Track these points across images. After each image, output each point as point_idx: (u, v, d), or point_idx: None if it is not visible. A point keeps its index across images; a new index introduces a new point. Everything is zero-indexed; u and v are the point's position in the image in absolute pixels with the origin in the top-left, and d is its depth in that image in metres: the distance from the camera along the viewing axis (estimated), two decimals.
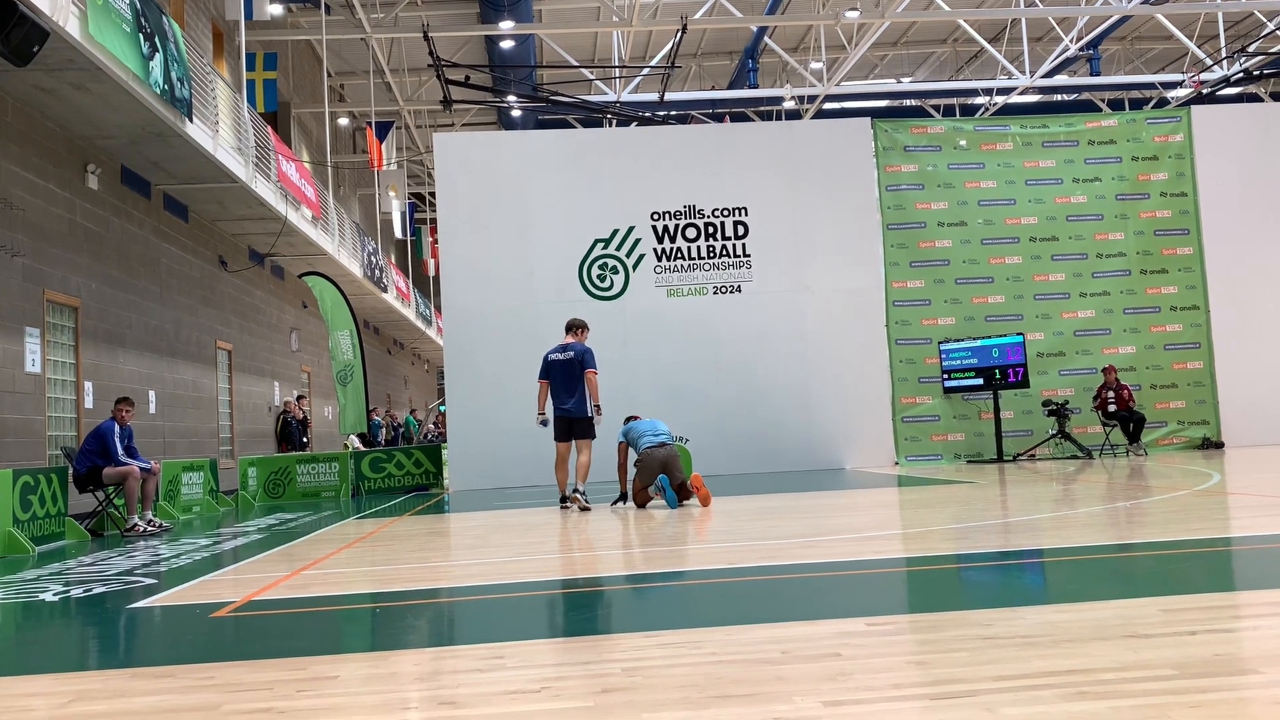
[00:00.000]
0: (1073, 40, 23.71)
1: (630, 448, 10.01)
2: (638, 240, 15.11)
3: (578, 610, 4.64)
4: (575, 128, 25.39)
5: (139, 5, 11.42)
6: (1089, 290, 15.66)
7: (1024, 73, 24.72)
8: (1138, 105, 28.34)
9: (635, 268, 15.07)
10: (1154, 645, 3.21)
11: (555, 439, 10.03)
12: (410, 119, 29.26)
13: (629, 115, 22.81)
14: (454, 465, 14.66)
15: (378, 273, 26.95)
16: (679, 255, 15.14)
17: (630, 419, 10.46)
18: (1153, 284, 15.74)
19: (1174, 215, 15.84)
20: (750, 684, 2.99)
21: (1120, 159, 15.88)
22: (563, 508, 9.82)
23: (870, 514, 8.19)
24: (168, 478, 11.66)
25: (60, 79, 11.22)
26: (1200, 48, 24.76)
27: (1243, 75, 24.26)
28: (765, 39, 24.95)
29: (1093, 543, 5.87)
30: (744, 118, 27.33)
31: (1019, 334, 14.84)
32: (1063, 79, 26.77)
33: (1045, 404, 14.98)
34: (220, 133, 14.89)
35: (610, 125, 24.62)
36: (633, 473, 9.90)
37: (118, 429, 10.05)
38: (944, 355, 15.22)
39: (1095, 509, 7.60)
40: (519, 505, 10.88)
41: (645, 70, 23.70)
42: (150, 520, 9.93)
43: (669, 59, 20.80)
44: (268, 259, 21.24)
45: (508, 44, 22.81)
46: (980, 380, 14.86)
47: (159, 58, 12.04)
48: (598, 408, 9.88)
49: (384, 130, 25.96)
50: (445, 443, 15.45)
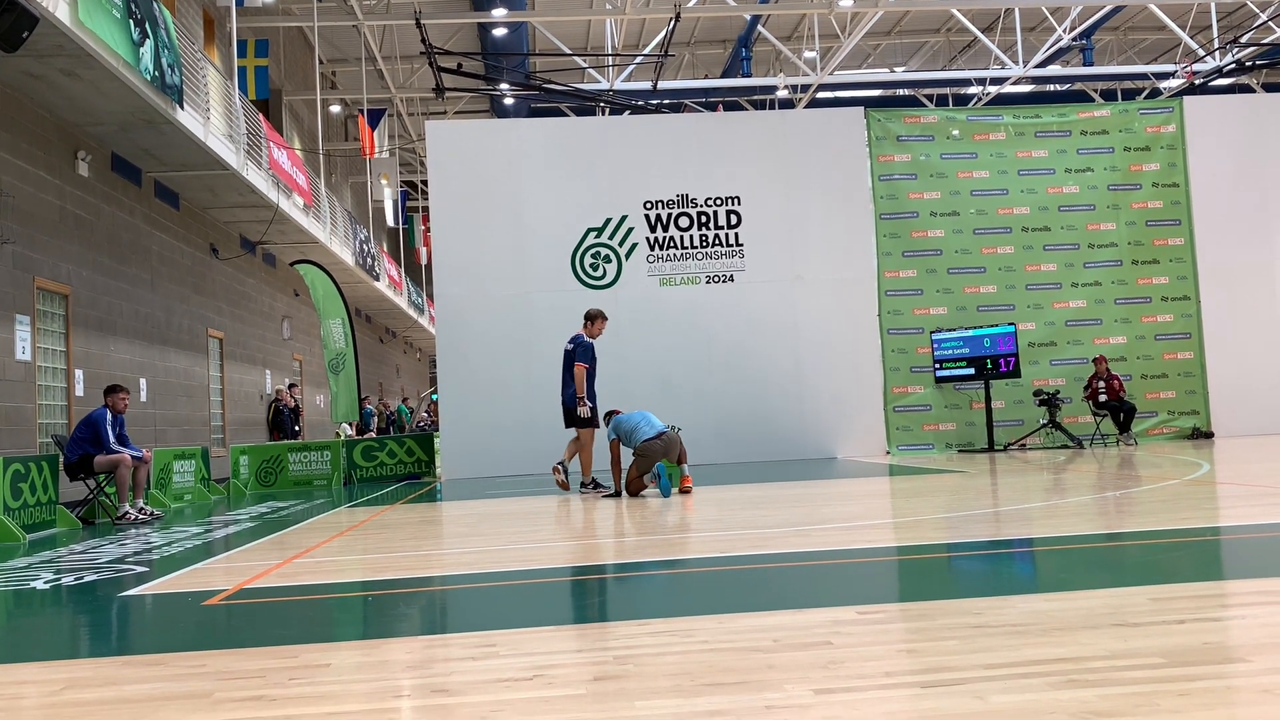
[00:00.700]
0: (1066, 30, 23.72)
1: (622, 442, 9.78)
2: (630, 229, 15.09)
3: (569, 599, 4.65)
4: (568, 116, 25.34)
5: None
6: (1080, 280, 15.69)
7: (1017, 63, 24.72)
8: (1130, 95, 28.37)
9: (628, 257, 15.06)
10: (1143, 634, 3.23)
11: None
12: (402, 107, 29.17)
13: (622, 104, 22.72)
14: (446, 454, 14.65)
15: (370, 261, 26.88)
16: (671, 244, 15.13)
17: (612, 414, 10.29)
18: (1144, 274, 15.77)
19: (1165, 206, 15.87)
20: (742, 672, 3.00)
21: (1112, 149, 15.89)
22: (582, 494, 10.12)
23: (861, 503, 8.21)
24: (159, 466, 11.64)
25: (50, 65, 11.16)
26: (1193, 38, 24.77)
27: (1235, 66, 24.28)
28: (759, 28, 24.90)
29: (1082, 532, 5.90)
30: (737, 107, 27.29)
31: (1010, 324, 14.88)
32: (1055, 69, 26.77)
33: (1036, 394, 15.02)
34: (211, 120, 14.83)
35: (603, 114, 24.53)
36: (627, 462, 9.86)
37: (110, 416, 10.03)
38: (936, 345, 15.25)
39: (1085, 498, 7.63)
40: (511, 494, 10.89)
41: (638, 58, 23.65)
42: (141, 508, 9.92)
43: (662, 47, 20.76)
44: (259, 247, 21.18)
45: (500, 31, 22.74)
46: (972, 370, 14.89)
47: (149, 44, 11.98)
48: (581, 400, 10.06)
49: (376, 118, 25.88)
50: (437, 431, 15.44)
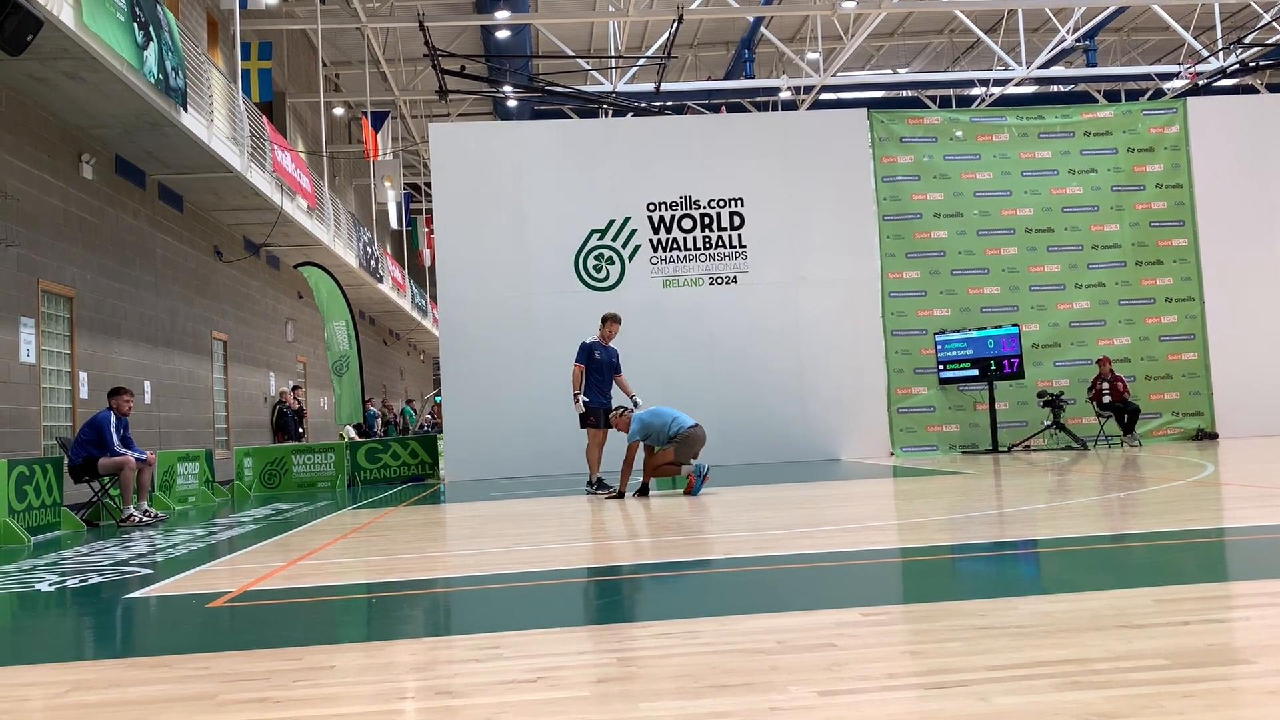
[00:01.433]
0: (1069, 31, 23.71)
1: (653, 440, 9.69)
2: (633, 231, 15.10)
3: (573, 601, 4.65)
4: (571, 118, 25.35)
5: None
6: (1084, 281, 15.67)
7: (1020, 64, 24.71)
8: (1134, 96, 28.35)
9: (631, 259, 15.06)
10: (1147, 635, 3.22)
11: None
12: (406, 109, 29.20)
13: (625, 106, 22.76)
14: (450, 456, 14.66)
15: (373, 263, 26.91)
16: (675, 246, 15.13)
17: (618, 410, 10.14)
18: (1148, 275, 15.75)
19: (1169, 206, 15.85)
20: (745, 674, 3.00)
21: (1116, 150, 15.87)
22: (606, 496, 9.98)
23: (865, 505, 8.20)
24: (163, 468, 11.66)
25: (54, 68, 11.18)
26: (1197, 39, 24.75)
27: (1239, 67, 24.26)
28: (762, 29, 24.90)
29: (1087, 533, 5.89)
30: (740, 108, 27.30)
31: (1014, 325, 14.86)
32: (1059, 70, 26.76)
33: (1040, 395, 15.00)
34: (215, 122, 14.85)
35: (606, 116, 24.55)
36: (638, 447, 9.77)
37: (114, 419, 10.04)
38: (939, 346, 15.23)
39: (1089, 500, 7.62)
40: (515, 496, 10.89)
41: (641, 60, 23.67)
42: (146, 510, 9.93)
43: (665, 49, 20.78)
44: (263, 249, 21.20)
45: (503, 34, 22.75)
46: (975, 371, 14.88)
47: (153, 47, 12.00)
48: (575, 397, 10.29)
49: (379, 120, 25.90)
50: (441, 433, 15.44)
